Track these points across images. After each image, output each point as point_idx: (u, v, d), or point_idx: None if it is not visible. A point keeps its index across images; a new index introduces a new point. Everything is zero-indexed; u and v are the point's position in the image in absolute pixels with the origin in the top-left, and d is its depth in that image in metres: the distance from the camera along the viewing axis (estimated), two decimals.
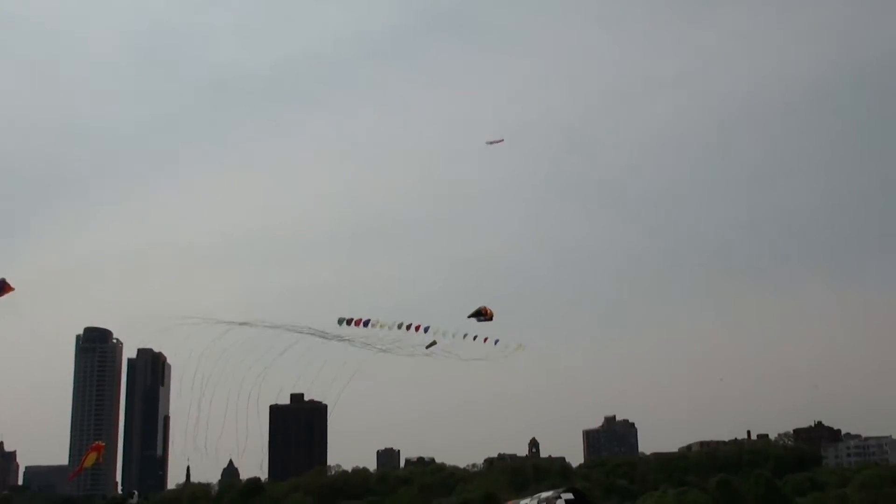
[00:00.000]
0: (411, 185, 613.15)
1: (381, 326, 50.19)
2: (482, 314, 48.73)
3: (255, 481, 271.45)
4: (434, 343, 51.05)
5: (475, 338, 64.35)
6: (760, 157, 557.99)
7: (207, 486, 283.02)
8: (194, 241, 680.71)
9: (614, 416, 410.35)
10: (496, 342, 61.67)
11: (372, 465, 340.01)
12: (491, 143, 67.01)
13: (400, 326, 51.44)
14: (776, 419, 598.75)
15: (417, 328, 52.64)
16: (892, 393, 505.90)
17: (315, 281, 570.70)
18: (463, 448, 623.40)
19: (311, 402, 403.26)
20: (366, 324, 48.16)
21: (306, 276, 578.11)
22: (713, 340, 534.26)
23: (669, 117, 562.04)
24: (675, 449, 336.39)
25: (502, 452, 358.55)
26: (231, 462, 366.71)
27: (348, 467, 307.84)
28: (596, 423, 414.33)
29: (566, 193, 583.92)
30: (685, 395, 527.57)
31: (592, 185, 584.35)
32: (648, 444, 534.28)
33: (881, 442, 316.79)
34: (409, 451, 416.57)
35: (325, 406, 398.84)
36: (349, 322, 48.07)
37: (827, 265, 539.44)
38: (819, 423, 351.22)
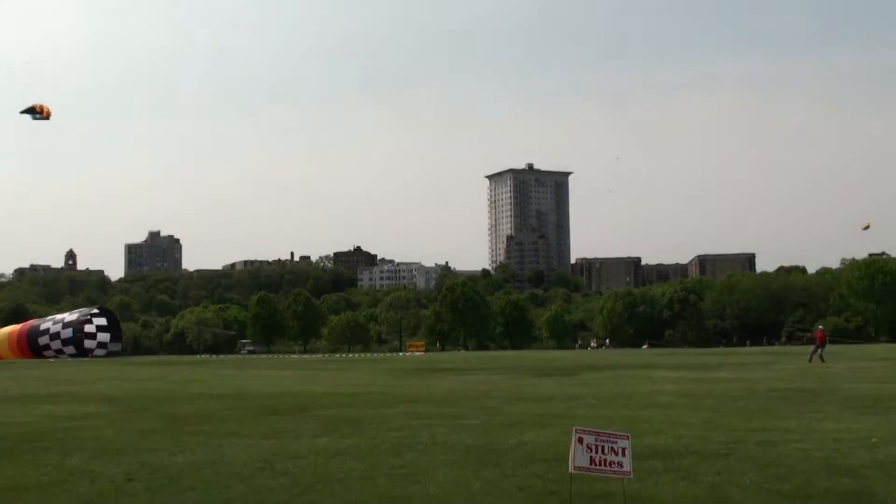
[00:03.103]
0: None
1: None
2: (37, 112, 41.30)
3: None
4: None
5: None
6: None
7: None
8: None
9: (158, 232, 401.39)
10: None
11: None
12: None
13: None
14: (319, 243, 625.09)
15: None
16: (425, 223, 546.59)
17: None
18: None
19: None
20: None
21: None
22: (264, 163, 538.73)
23: None
24: (219, 267, 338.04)
25: (35, 263, 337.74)
26: None
27: None
28: (139, 237, 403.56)
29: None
30: (233, 214, 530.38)
31: None
32: (193, 261, 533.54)
33: (411, 267, 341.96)
34: None
35: None
36: None
37: (390, 96, 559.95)
38: (358, 248, 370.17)
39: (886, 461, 11.95)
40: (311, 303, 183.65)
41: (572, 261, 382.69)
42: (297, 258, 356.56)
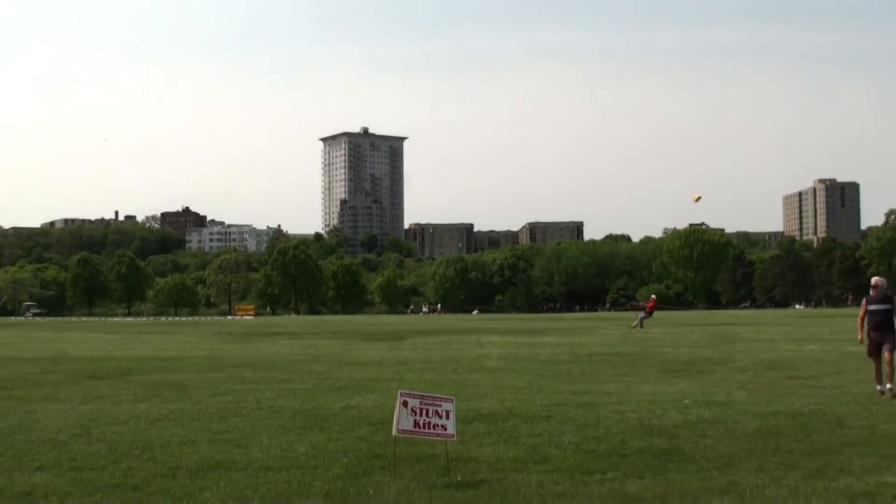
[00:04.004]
0: None
1: None
2: None
3: None
4: None
5: None
6: None
7: None
8: None
9: None
10: None
11: None
12: None
13: None
14: (145, 202, 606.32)
15: None
16: (258, 185, 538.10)
17: None
18: None
19: None
20: None
21: None
22: (86, 112, 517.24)
23: None
24: (37, 225, 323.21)
25: None
26: None
27: None
28: None
29: None
30: (52, 168, 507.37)
31: None
32: (8, 217, 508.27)
33: (242, 230, 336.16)
34: None
35: None
36: None
37: (224, 53, 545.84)
38: (186, 209, 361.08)
39: (697, 421, 12.61)
40: (135, 264, 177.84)
41: (406, 226, 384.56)
42: (121, 217, 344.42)
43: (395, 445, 9.62)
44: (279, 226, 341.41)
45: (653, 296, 60.87)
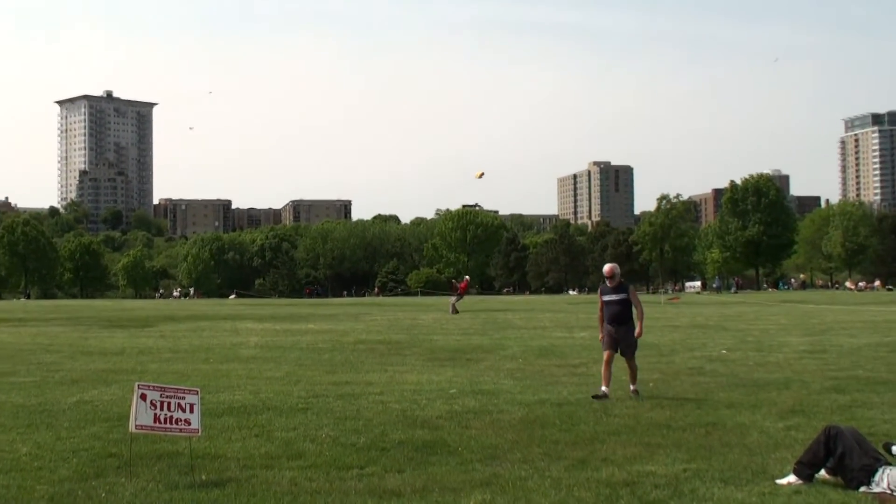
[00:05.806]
0: None
1: None
2: None
3: None
4: None
5: None
6: None
7: None
8: None
9: None
10: None
11: None
12: None
13: None
14: None
15: None
16: None
17: None
18: None
19: None
20: None
21: None
22: None
23: None
24: None
25: None
26: None
27: None
28: None
29: None
30: None
31: None
32: None
33: None
34: None
35: None
36: None
37: None
38: None
39: (462, 411, 12.94)
40: None
41: (155, 201, 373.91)
42: None
43: (131, 443, 9.35)
44: (6, 198, 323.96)
45: (466, 276, 62.43)
